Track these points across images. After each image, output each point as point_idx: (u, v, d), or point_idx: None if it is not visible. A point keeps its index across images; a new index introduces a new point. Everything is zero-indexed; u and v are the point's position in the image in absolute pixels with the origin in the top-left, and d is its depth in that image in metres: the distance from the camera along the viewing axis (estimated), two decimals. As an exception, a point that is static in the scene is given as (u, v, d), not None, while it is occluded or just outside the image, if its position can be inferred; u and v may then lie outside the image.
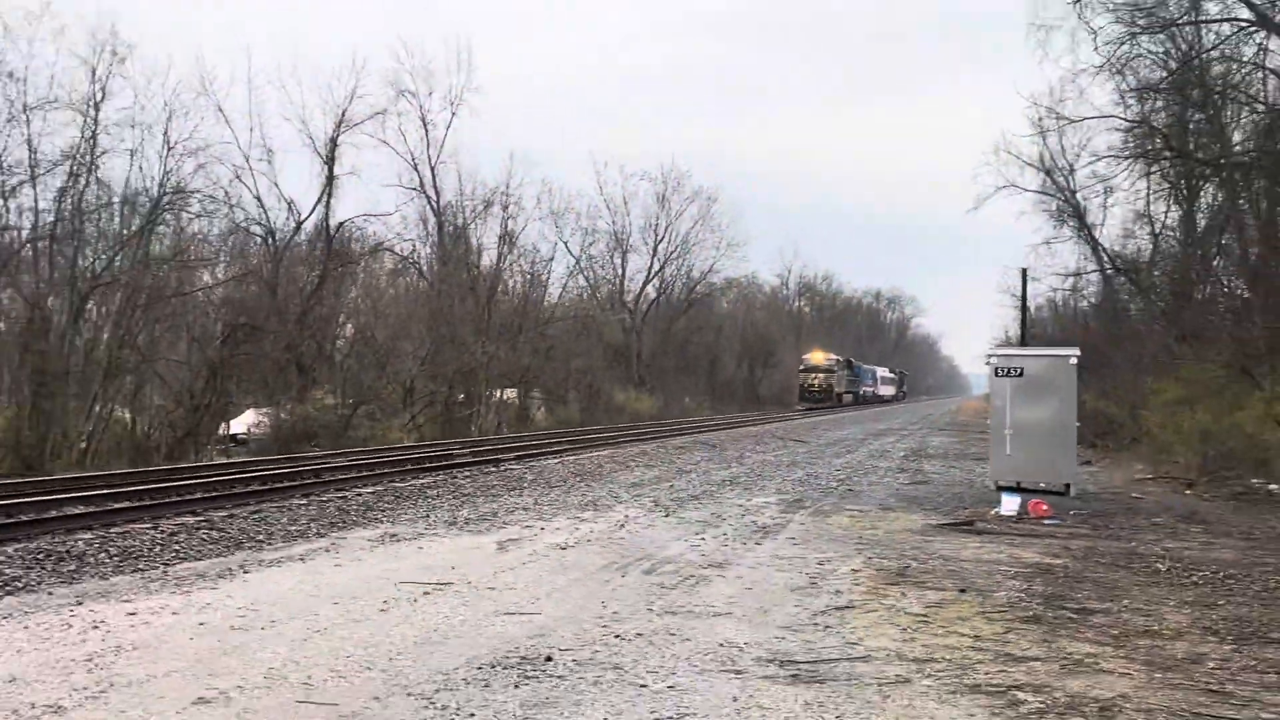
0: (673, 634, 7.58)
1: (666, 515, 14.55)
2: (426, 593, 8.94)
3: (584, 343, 54.94)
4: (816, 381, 74.86)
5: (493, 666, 6.57)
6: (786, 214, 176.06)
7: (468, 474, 20.38)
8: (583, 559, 10.87)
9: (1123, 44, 26.87)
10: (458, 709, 5.71)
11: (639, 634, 7.53)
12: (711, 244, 68.30)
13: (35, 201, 28.29)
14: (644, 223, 66.12)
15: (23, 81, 27.43)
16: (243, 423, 38.86)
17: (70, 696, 5.88)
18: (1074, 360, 16.27)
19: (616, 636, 7.44)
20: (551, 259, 57.04)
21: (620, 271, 65.69)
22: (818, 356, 76.95)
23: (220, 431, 36.16)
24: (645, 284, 66.93)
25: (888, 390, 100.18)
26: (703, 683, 6.29)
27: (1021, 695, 6.09)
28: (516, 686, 6.14)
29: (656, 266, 66.87)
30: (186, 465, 24.72)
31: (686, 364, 67.48)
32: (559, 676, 6.36)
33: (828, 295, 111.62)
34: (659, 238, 66.48)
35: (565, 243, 58.82)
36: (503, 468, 22.09)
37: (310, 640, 7.24)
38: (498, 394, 48.18)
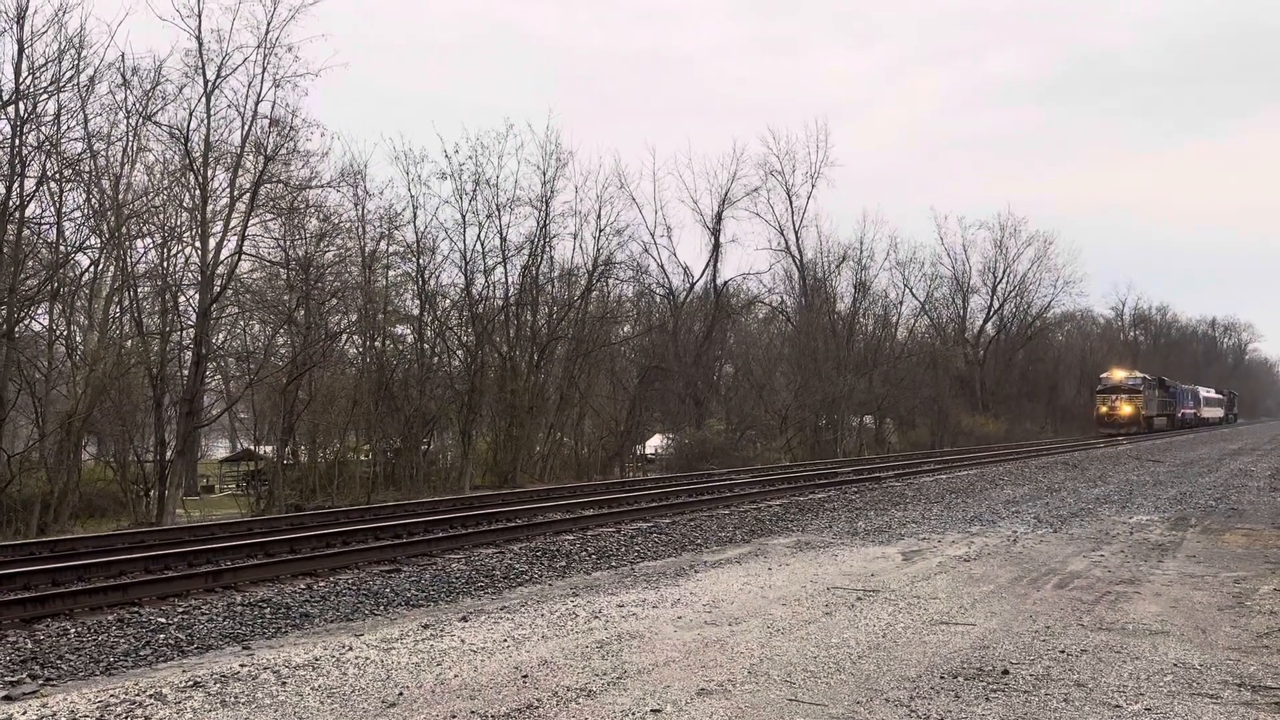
0: (1117, 651, 6.47)
1: (1054, 531, 13.01)
2: (859, 598, 8.34)
3: (931, 374, 52.41)
4: (1119, 405, 53.48)
5: (954, 676, 5.83)
6: (1120, 250, 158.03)
7: (855, 490, 19.55)
8: (989, 572, 9.81)
9: None
10: (940, 719, 5.05)
11: (1083, 650, 6.49)
12: (1049, 282, 62.50)
13: (506, 277, 31.06)
14: (983, 266, 61.91)
15: (495, 186, 30.23)
16: (651, 445, 40.57)
17: (595, 681, 5.77)
18: None
19: (1061, 652, 6.45)
20: (900, 303, 54.93)
21: (962, 312, 61.91)
22: (1119, 374, 55.34)
23: (636, 452, 37.92)
24: (985, 321, 62.65)
25: (1213, 412, 76.36)
26: (1179, 705, 5.21)
27: None
28: (988, 699, 5.36)
29: (996, 305, 62.41)
30: (624, 480, 25.78)
31: (1027, 390, 62.19)
32: (1025, 691, 5.50)
33: (1162, 326, 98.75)
34: (997, 279, 61.89)
35: (911, 289, 56.31)
36: (884, 484, 21.03)
37: (774, 639, 6.85)
38: (857, 420, 47.15)
